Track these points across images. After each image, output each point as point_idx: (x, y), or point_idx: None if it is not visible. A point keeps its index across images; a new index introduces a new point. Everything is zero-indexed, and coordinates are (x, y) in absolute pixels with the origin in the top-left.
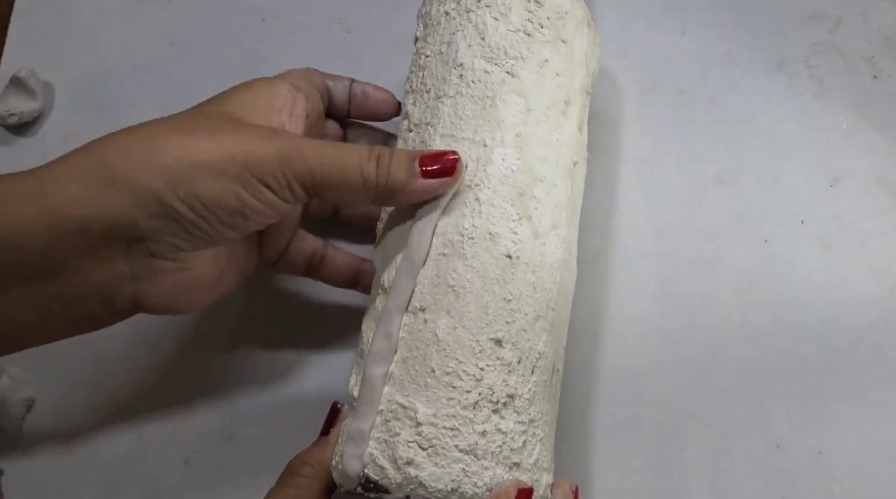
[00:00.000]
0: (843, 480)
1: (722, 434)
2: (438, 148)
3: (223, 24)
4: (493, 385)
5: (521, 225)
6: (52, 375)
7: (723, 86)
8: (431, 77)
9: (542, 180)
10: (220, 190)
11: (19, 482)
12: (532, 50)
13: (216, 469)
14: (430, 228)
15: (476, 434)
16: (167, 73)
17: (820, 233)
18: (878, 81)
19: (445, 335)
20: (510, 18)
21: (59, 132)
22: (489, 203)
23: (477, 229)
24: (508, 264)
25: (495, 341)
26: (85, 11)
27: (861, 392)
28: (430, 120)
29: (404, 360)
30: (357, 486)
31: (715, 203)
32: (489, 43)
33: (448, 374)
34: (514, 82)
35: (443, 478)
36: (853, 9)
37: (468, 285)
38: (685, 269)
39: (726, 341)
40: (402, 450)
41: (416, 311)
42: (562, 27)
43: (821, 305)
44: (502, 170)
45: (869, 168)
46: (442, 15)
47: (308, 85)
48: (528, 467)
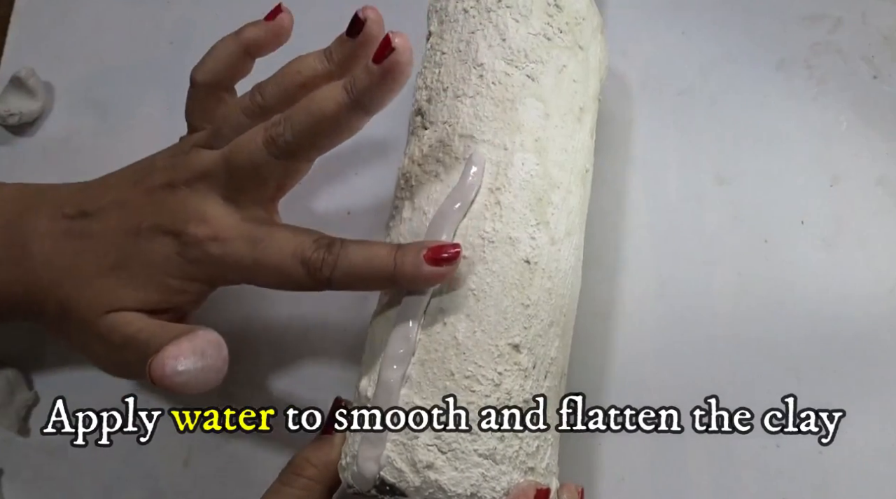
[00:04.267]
0: (843, 480)
1: (722, 434)
2: (457, 148)
3: (223, 24)
4: (510, 390)
5: (538, 231)
6: (52, 375)
7: (723, 86)
8: (448, 75)
9: (559, 187)
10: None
11: (19, 482)
12: (551, 55)
13: (216, 469)
14: (452, 230)
15: (495, 439)
16: (167, 74)
17: (820, 233)
18: (878, 81)
19: (465, 339)
20: (531, 21)
21: (59, 132)
22: (510, 207)
23: (497, 233)
24: (527, 270)
25: (513, 346)
26: (85, 11)
27: (861, 392)
28: (448, 119)
29: (422, 362)
30: (371, 488)
31: (715, 203)
32: (510, 45)
33: (467, 377)
34: (534, 86)
35: (462, 482)
36: (853, 9)
37: (488, 289)
38: (685, 269)
39: (726, 341)
40: (422, 453)
41: (434, 313)
42: (579, 33)
43: (820, 305)
44: (522, 174)
45: (869, 168)
46: (460, 12)
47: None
48: (542, 471)
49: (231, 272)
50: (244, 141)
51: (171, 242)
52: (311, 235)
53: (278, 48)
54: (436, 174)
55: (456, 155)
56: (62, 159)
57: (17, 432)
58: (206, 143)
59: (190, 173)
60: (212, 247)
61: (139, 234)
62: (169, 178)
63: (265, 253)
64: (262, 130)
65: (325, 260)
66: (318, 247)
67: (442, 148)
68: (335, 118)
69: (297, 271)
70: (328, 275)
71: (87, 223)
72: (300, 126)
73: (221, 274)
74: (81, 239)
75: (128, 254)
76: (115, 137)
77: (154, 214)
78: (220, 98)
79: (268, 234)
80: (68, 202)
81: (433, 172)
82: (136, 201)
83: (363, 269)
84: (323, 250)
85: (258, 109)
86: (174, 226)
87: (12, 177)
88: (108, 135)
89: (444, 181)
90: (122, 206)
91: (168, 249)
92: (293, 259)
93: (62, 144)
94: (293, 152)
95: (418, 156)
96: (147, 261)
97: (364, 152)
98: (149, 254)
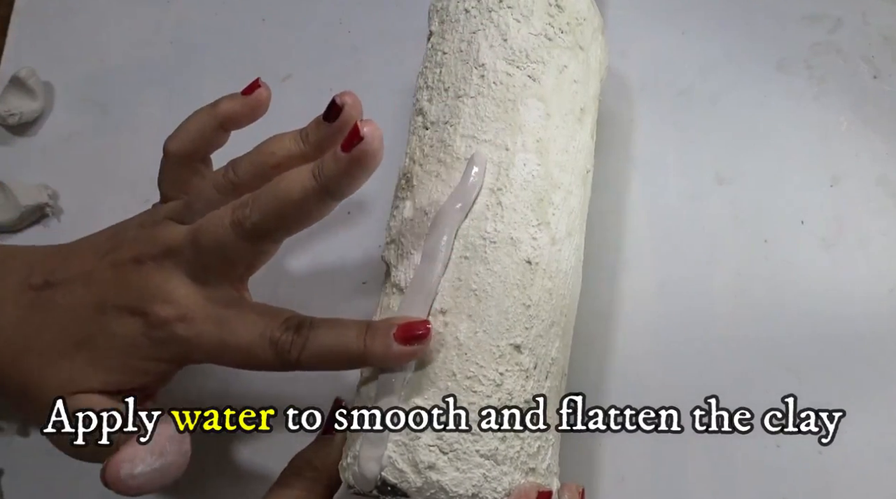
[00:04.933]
0: (843, 480)
1: (722, 434)
2: (459, 148)
3: (223, 24)
4: (512, 391)
5: (540, 231)
6: None
7: (723, 86)
8: (450, 75)
9: (560, 187)
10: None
11: (19, 482)
12: (552, 55)
13: (216, 469)
14: (454, 231)
15: (496, 439)
16: (167, 73)
17: (820, 233)
18: (878, 81)
19: (467, 339)
20: (532, 21)
21: (59, 132)
22: (511, 208)
23: (499, 234)
24: (528, 270)
25: (514, 347)
26: (85, 11)
27: (861, 392)
28: (450, 119)
29: (423, 362)
30: (373, 488)
31: (715, 203)
32: (511, 45)
33: (469, 378)
34: (536, 87)
35: (464, 483)
36: (853, 9)
37: (489, 290)
38: (685, 269)
39: (726, 341)
40: (424, 454)
41: (435, 313)
42: (580, 34)
43: (820, 305)
44: (524, 175)
45: (869, 168)
46: (461, 12)
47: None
48: (543, 471)
49: (197, 353)
50: (212, 221)
51: (136, 322)
52: (279, 316)
53: (254, 122)
54: (437, 174)
55: (457, 155)
56: (62, 159)
57: (17, 432)
58: (178, 216)
59: (158, 249)
60: (178, 328)
61: (104, 311)
62: (137, 252)
63: (233, 334)
64: (230, 210)
65: (294, 342)
66: (287, 328)
67: (443, 148)
68: (301, 203)
69: (264, 353)
70: (296, 357)
71: (52, 295)
72: (266, 208)
73: (188, 354)
74: (46, 312)
75: (92, 332)
76: (116, 137)
77: (120, 291)
78: (195, 169)
79: (236, 315)
80: (36, 270)
81: (434, 172)
82: (103, 275)
83: (332, 351)
84: (291, 332)
85: (230, 186)
86: (140, 305)
87: (12, 177)
88: (108, 135)
89: (446, 181)
90: (88, 279)
91: (134, 330)
92: (261, 340)
93: (62, 143)
94: (259, 235)
95: (419, 155)
96: (112, 340)
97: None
98: (114, 333)
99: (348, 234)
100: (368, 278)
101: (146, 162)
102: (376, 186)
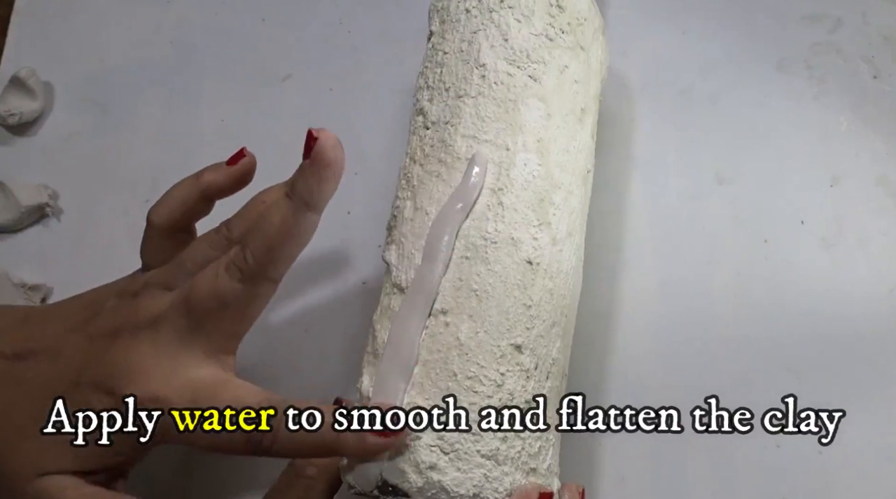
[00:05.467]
0: (843, 480)
1: (722, 434)
2: (459, 148)
3: (223, 24)
4: (513, 391)
5: (540, 231)
6: None
7: (723, 86)
8: (450, 75)
9: (560, 187)
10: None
11: None
12: (553, 55)
13: (216, 469)
14: (455, 231)
15: (497, 439)
16: (167, 73)
17: (820, 233)
18: (878, 81)
19: (468, 339)
20: (533, 21)
21: (59, 132)
22: (512, 208)
23: (500, 234)
24: (529, 270)
25: (515, 347)
26: (85, 11)
27: (861, 392)
28: (450, 119)
29: (424, 362)
30: (373, 489)
31: (715, 203)
32: (512, 45)
33: (470, 378)
34: (536, 87)
35: (465, 483)
36: (853, 9)
37: (490, 290)
38: (685, 269)
39: (726, 341)
40: (424, 454)
41: (436, 313)
42: (581, 34)
43: (820, 305)
44: (524, 175)
45: (869, 168)
46: (462, 12)
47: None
48: (543, 472)
49: (169, 435)
50: (205, 274)
51: (109, 400)
52: (254, 399)
53: (238, 192)
54: (438, 174)
55: (458, 155)
56: (62, 159)
57: None
58: (164, 281)
59: (139, 319)
60: (151, 408)
61: (78, 387)
62: (113, 325)
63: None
64: (223, 261)
65: (265, 435)
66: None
67: (444, 148)
68: (285, 224)
69: (237, 441)
70: (268, 447)
71: (22, 368)
72: (256, 243)
73: (160, 435)
74: (15, 387)
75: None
76: (116, 137)
77: (93, 367)
78: (180, 240)
79: (211, 397)
80: (6, 338)
81: (435, 172)
82: (76, 348)
83: (305, 442)
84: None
85: (225, 241)
86: (113, 384)
87: (12, 177)
88: (108, 135)
89: (447, 181)
90: (59, 353)
91: (106, 408)
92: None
93: (62, 143)
94: (255, 272)
95: (420, 156)
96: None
97: (364, 152)
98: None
99: (348, 234)
100: (368, 278)
101: (146, 162)
102: (376, 185)
